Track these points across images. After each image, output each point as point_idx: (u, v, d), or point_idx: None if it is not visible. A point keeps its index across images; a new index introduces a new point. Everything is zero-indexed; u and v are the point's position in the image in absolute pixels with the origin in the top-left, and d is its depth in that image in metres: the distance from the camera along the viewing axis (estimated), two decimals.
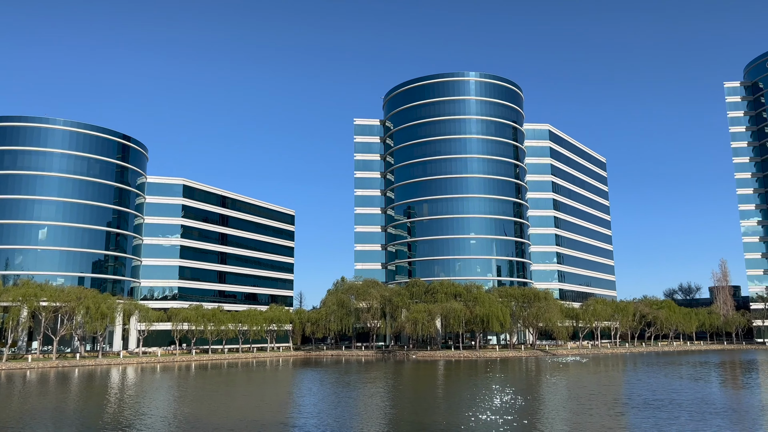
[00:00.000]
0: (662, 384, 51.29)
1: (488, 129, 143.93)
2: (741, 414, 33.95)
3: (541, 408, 37.48)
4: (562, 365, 78.83)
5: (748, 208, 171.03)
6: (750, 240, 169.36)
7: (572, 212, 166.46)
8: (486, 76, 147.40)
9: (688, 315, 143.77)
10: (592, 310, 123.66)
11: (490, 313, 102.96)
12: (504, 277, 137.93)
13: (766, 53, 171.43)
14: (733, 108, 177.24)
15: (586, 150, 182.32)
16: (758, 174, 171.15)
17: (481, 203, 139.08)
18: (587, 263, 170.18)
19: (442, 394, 46.52)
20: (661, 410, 34.96)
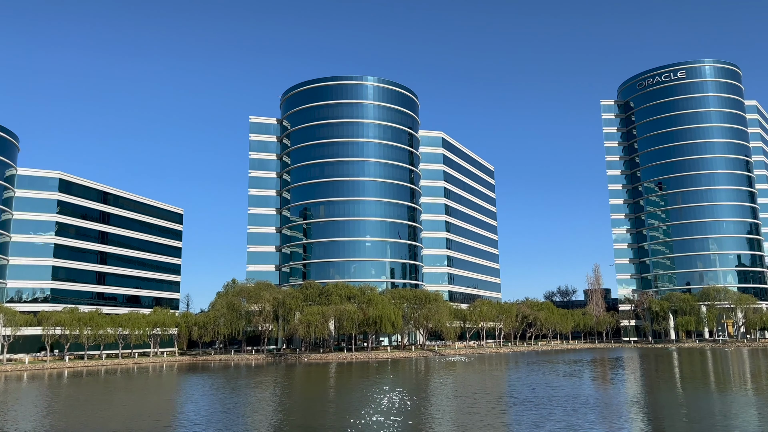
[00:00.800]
0: (541, 381, 54.17)
1: (385, 134, 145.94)
2: (610, 408, 36.51)
3: (429, 407, 38.22)
4: (449, 365, 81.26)
5: (618, 217, 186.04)
6: (620, 246, 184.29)
7: (462, 217, 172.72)
8: (384, 81, 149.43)
9: (565, 316, 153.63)
10: (478, 311, 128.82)
11: (383, 314, 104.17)
12: (397, 279, 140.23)
13: (637, 75, 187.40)
14: (608, 124, 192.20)
15: (476, 158, 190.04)
16: (628, 186, 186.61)
17: (377, 206, 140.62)
18: (475, 266, 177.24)
19: (333, 397, 46.24)
20: (540, 407, 36.79)
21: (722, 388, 47.05)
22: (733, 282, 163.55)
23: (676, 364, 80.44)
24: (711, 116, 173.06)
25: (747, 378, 56.60)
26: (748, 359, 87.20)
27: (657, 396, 43.06)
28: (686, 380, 55.86)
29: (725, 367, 72.29)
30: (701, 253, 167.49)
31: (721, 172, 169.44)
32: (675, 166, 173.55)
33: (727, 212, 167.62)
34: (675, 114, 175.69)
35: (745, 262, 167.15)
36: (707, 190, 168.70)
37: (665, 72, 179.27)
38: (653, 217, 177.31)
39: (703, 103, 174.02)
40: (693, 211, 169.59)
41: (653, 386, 50.39)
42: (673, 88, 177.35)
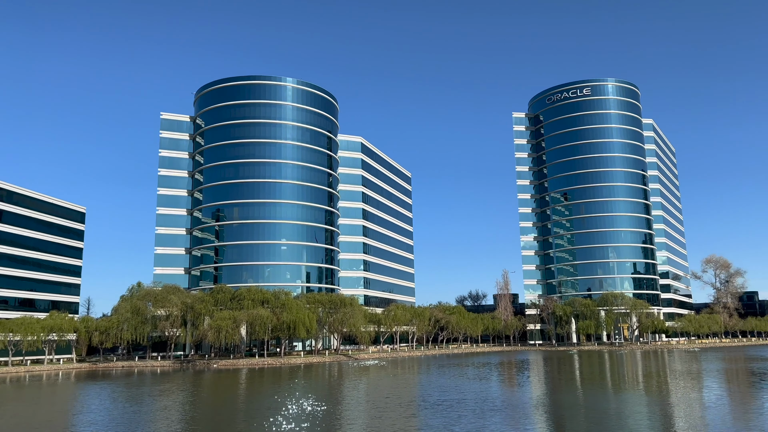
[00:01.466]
0: (451, 385, 55.30)
1: (304, 136, 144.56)
2: (517, 410, 37.76)
3: (340, 413, 37.99)
4: (363, 369, 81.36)
5: (527, 225, 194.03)
6: (527, 253, 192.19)
7: (380, 222, 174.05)
8: (304, 83, 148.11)
9: (476, 320, 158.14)
10: (393, 316, 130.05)
11: (297, 319, 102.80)
12: (313, 284, 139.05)
13: (547, 90, 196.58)
14: (519, 136, 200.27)
15: (394, 164, 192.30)
16: (536, 196, 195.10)
17: (293, 209, 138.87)
18: (391, 271, 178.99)
19: (241, 404, 44.95)
20: (450, 410, 37.48)
21: (618, 389, 49.93)
22: (630, 288, 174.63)
23: (576, 366, 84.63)
24: (612, 132, 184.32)
25: (639, 378, 60.45)
26: (640, 361, 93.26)
27: (559, 397, 45.04)
28: (586, 382, 58.86)
29: (620, 368, 76.90)
30: (601, 261, 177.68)
31: (620, 185, 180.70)
32: (579, 178, 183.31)
33: (624, 223, 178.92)
34: (580, 129, 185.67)
35: (640, 269, 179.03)
36: (607, 202, 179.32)
37: (572, 88, 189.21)
38: (558, 226, 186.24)
39: (605, 120, 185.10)
40: (594, 221, 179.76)
41: (556, 388, 52.69)
42: (578, 104, 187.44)
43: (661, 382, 55.91)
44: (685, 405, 38.86)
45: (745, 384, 53.44)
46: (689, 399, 42.01)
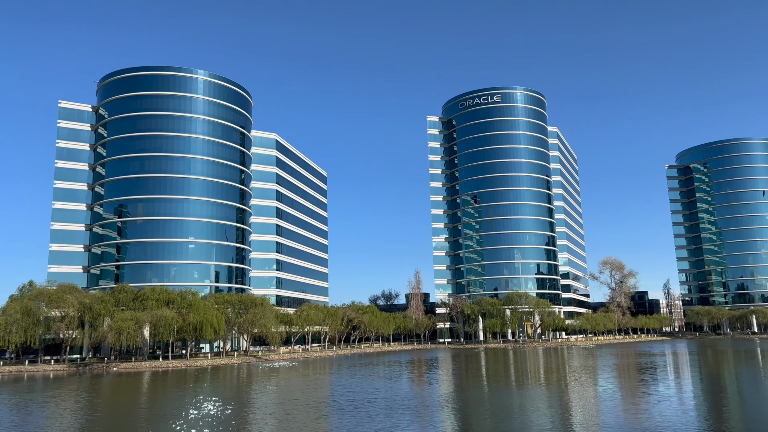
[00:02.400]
0: (362, 384, 55.41)
1: (215, 131, 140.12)
2: (426, 408, 38.34)
3: (246, 416, 37.01)
4: (272, 370, 79.92)
5: (438, 226, 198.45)
6: (439, 254, 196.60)
7: (294, 221, 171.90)
8: (216, 77, 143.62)
9: (388, 319, 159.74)
10: (305, 316, 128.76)
11: (205, 320, 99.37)
12: (222, 283, 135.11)
13: (460, 95, 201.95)
14: (433, 139, 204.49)
15: (310, 162, 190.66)
16: (448, 198, 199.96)
17: (203, 206, 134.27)
18: (304, 270, 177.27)
19: (142, 409, 42.77)
20: (361, 409, 37.47)
21: (521, 385, 51.96)
22: (533, 288, 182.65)
23: (483, 363, 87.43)
24: (520, 138, 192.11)
25: (541, 374, 63.26)
26: (542, 357, 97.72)
27: (466, 394, 46.24)
28: (491, 378, 60.87)
29: (524, 365, 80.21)
30: (508, 262, 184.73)
31: (526, 189, 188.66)
32: (489, 181, 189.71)
33: (530, 225, 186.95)
34: (490, 134, 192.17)
35: (543, 270, 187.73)
36: (514, 205, 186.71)
37: (484, 94, 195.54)
38: (469, 228, 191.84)
39: (514, 126, 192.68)
40: (502, 223, 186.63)
41: (463, 385, 54.09)
42: (489, 109, 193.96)
43: (560, 377, 58.76)
44: (583, 399, 41.00)
45: (635, 378, 57.23)
46: (586, 393, 44.38)
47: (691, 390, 46.03)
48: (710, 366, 71.23)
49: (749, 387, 46.12)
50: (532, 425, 29.76)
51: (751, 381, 50.59)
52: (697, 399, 40.17)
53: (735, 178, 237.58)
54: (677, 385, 49.44)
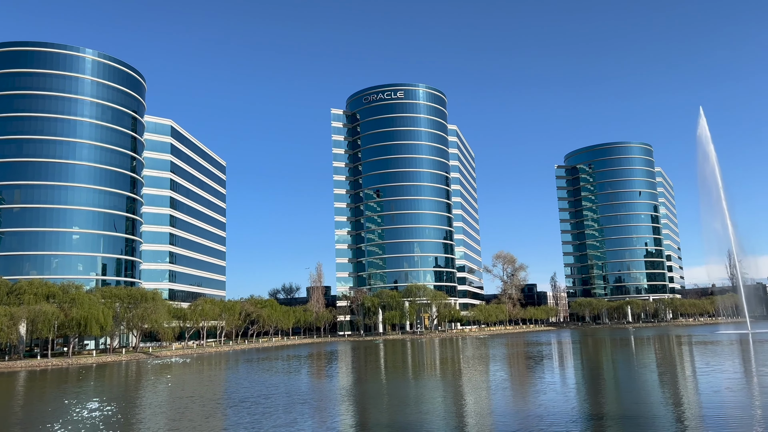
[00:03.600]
0: (259, 379, 54.34)
1: (104, 114, 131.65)
2: (324, 401, 38.21)
3: (134, 415, 35.10)
4: (164, 367, 76.48)
5: (341, 219, 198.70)
6: (341, 247, 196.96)
7: (189, 212, 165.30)
8: (107, 57, 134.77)
9: (288, 313, 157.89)
10: (200, 310, 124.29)
11: (90, 315, 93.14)
12: (110, 277, 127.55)
13: (364, 89, 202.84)
14: (337, 132, 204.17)
15: (208, 151, 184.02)
16: (351, 191, 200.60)
17: (89, 194, 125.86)
18: (200, 263, 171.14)
19: (16, 411, 39.35)
20: (258, 405, 36.67)
21: (417, 376, 53.17)
22: (431, 280, 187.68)
23: (381, 355, 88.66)
24: (421, 135, 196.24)
25: (437, 365, 65.10)
26: (438, 348, 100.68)
27: (365, 386, 46.61)
28: (389, 370, 61.82)
29: (420, 356, 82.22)
30: (408, 255, 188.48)
31: (426, 185, 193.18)
32: (391, 176, 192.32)
33: (429, 220, 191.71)
34: (393, 129, 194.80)
35: (441, 263, 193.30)
36: (415, 200, 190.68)
37: (387, 90, 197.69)
38: (371, 221, 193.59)
39: (416, 123, 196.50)
40: (403, 217, 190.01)
41: (362, 377, 54.51)
42: (392, 105, 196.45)
43: (455, 367, 60.77)
44: (475, 387, 42.60)
45: (524, 366, 60.33)
46: (479, 382, 46.17)
47: (573, 376, 49.18)
48: (590, 354, 76.56)
49: (624, 372, 49.99)
50: (427, 415, 30.49)
51: (625, 367, 54.86)
52: (578, 385, 42.96)
53: (616, 179, 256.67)
54: (561, 373, 52.66)
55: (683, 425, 25.31)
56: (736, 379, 41.40)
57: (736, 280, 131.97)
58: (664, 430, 24.11)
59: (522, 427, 26.02)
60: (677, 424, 25.60)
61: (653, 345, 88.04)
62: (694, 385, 39.22)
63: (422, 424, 27.69)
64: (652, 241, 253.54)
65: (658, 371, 49.12)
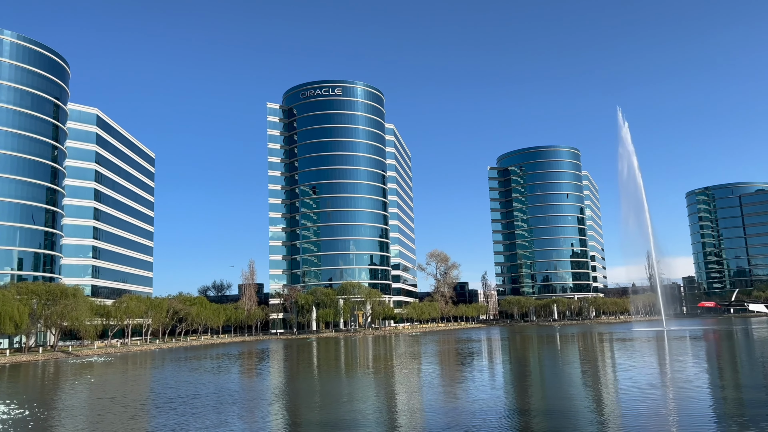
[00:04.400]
0: (186, 379, 52.71)
1: (23, 100, 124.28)
2: (255, 401, 37.42)
3: (52, 418, 33.20)
4: (85, 367, 72.92)
5: (276, 215, 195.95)
6: (275, 244, 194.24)
7: (115, 205, 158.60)
8: (26, 39, 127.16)
9: (218, 310, 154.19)
10: (125, 308, 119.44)
11: (3, 312, 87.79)
12: (27, 272, 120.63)
13: (302, 84, 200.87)
14: (273, 127, 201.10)
15: (136, 142, 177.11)
16: (287, 187, 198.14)
17: (3, 184, 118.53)
18: (126, 259, 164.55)
19: None
20: (185, 406, 35.50)
21: (350, 373, 53.05)
22: (366, 278, 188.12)
23: (314, 353, 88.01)
24: (359, 132, 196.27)
25: (369, 362, 65.21)
26: (371, 345, 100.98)
27: (297, 385, 46.06)
28: (322, 368, 61.40)
29: (354, 353, 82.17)
30: (343, 253, 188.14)
31: (363, 183, 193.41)
32: (327, 173, 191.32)
33: (365, 218, 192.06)
34: (330, 126, 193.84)
35: (376, 261, 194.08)
36: (351, 198, 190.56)
37: (325, 86, 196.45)
38: (306, 218, 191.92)
39: (354, 120, 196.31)
40: (339, 214, 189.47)
41: (294, 376, 53.87)
42: (330, 102, 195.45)
43: (388, 364, 61.05)
44: (407, 384, 42.91)
45: (455, 363, 61.36)
46: (410, 379, 46.54)
47: (502, 373, 50.41)
48: (518, 350, 78.81)
49: (549, 368, 51.70)
50: (359, 412, 30.41)
51: (551, 363, 56.76)
52: (507, 381, 44.06)
53: (545, 181, 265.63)
54: (491, 369, 53.89)
55: (604, 417, 26.37)
56: (653, 374, 43.64)
57: (653, 280, 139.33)
58: (588, 422, 25.04)
59: (453, 422, 26.36)
60: (599, 416, 26.65)
61: (577, 342, 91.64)
62: (614, 380, 41.02)
63: (355, 422, 27.59)
64: (578, 242, 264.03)
65: (581, 367, 51.11)
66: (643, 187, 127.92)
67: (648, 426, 24.22)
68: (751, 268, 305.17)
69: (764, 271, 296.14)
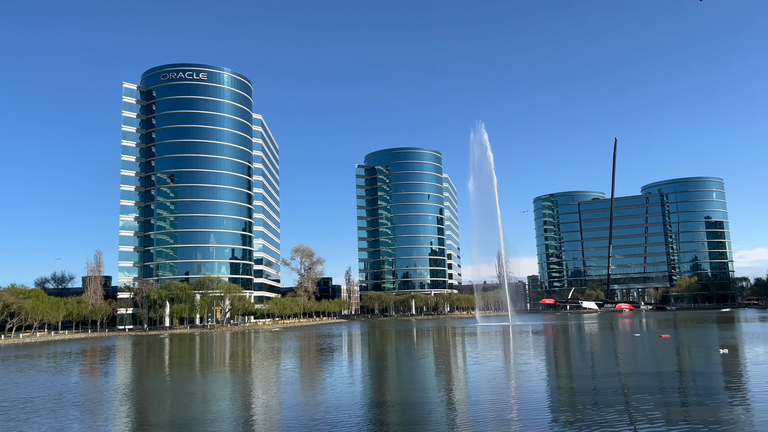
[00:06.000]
0: (18, 380, 47.61)
1: None
2: (98, 402, 34.66)
3: None
4: None
5: (128, 204, 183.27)
6: (126, 234, 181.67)
7: None
8: None
9: (57, 304, 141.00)
10: None
11: None
12: None
13: (163, 66, 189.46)
14: (129, 109, 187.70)
15: None
16: (142, 174, 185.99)
17: None
18: None
19: None
20: (18, 410, 32.01)
21: (205, 371, 51.07)
22: (227, 273, 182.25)
23: (167, 350, 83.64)
24: (224, 121, 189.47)
25: (226, 359, 63.27)
26: (229, 342, 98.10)
27: (146, 384, 43.43)
28: (174, 365, 58.50)
29: (210, 350, 79.26)
30: (203, 246, 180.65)
31: (227, 173, 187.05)
32: (189, 161, 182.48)
33: (228, 210, 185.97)
34: (194, 112, 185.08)
35: (238, 255, 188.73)
36: (214, 188, 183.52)
37: (189, 70, 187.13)
38: (163, 208, 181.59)
39: (219, 108, 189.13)
40: (199, 205, 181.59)
41: (143, 374, 50.75)
42: (195, 87, 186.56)
43: (245, 361, 59.64)
44: (265, 381, 42.20)
45: (315, 358, 61.46)
46: (269, 375, 45.83)
47: (360, 366, 51.34)
48: (377, 345, 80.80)
49: (405, 362, 53.58)
50: (212, 412, 29.38)
51: (406, 356, 58.86)
52: (365, 374, 44.95)
53: (409, 181, 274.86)
54: (350, 363, 54.67)
55: (455, 406, 27.84)
56: (499, 366, 46.89)
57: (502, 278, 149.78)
58: (440, 413, 26.28)
59: (310, 417, 26.35)
60: (450, 406, 28.07)
61: (432, 336, 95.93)
62: (464, 372, 43.49)
63: (209, 421, 26.58)
64: (437, 240, 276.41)
65: (435, 360, 53.53)
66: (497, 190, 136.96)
67: (493, 414, 25.96)
68: (586, 269, 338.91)
69: (596, 272, 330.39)
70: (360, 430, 23.52)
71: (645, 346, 60.00)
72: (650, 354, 52.26)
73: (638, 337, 76.35)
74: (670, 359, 47.64)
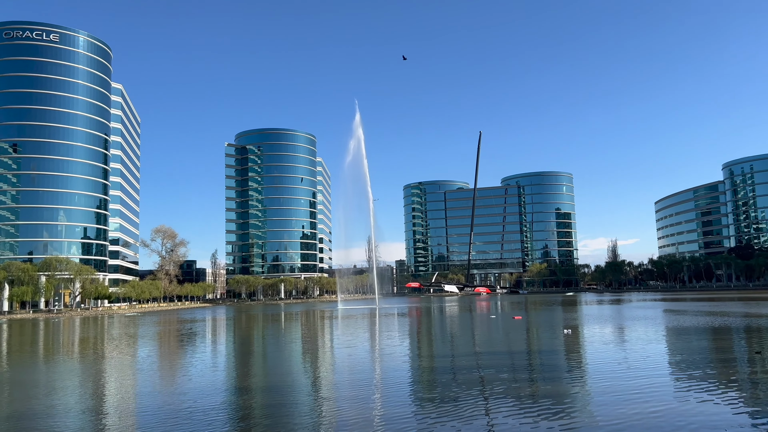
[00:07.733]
0: None
1: None
2: None
3: None
4: None
5: None
6: None
7: None
8: None
9: None
10: None
11: None
12: None
13: (6, 22, 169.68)
14: None
15: None
16: None
17: None
18: None
19: None
20: None
21: (50, 360, 46.86)
22: (78, 253, 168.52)
23: (4, 337, 75.83)
24: (78, 88, 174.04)
25: (75, 346, 58.50)
26: (79, 328, 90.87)
27: None
28: (13, 354, 53.10)
29: (56, 337, 72.89)
30: (50, 223, 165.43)
31: (80, 146, 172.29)
32: (34, 130, 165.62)
33: (80, 185, 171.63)
34: (42, 76, 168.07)
35: (91, 235, 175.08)
36: (64, 161, 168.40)
37: (38, 29, 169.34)
38: (4, 181, 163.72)
39: (73, 74, 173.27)
40: (46, 179, 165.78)
41: None
42: (44, 48, 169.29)
43: (97, 348, 55.57)
44: (119, 370, 39.57)
45: (175, 344, 58.72)
46: (123, 364, 43.03)
47: (224, 352, 49.87)
48: (243, 329, 78.97)
49: (271, 346, 52.93)
50: (59, 402, 26.98)
51: (273, 340, 58.18)
52: (228, 360, 43.75)
53: (281, 163, 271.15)
54: (213, 349, 52.90)
55: (321, 388, 27.91)
56: (365, 347, 47.80)
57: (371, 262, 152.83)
58: (304, 394, 26.20)
59: (168, 404, 25.07)
60: (314, 388, 28.09)
61: (300, 320, 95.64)
62: (331, 354, 43.80)
63: (53, 413, 24.33)
64: (309, 224, 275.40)
65: (303, 344, 53.40)
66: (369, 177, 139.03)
67: (357, 392, 26.36)
68: (449, 254, 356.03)
69: (459, 258, 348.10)
70: (221, 415, 22.78)
71: (499, 327, 64.24)
72: (504, 335, 56.02)
73: (494, 318, 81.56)
74: (521, 339, 51.41)
